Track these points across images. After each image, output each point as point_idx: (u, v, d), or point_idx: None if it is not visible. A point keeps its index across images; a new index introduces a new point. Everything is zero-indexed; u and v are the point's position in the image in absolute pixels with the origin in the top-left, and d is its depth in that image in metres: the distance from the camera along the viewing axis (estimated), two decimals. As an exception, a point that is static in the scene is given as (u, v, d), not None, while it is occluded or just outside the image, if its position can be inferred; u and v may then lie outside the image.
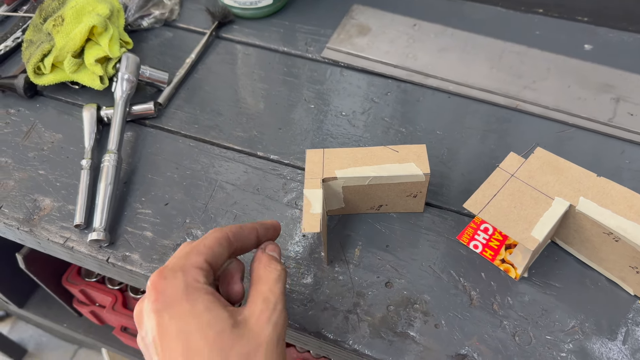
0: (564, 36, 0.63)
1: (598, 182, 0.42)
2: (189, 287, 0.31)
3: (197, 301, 0.30)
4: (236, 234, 0.36)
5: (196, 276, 0.32)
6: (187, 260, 0.32)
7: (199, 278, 0.32)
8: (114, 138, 0.52)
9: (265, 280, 0.34)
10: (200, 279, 0.32)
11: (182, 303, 0.30)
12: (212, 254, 0.34)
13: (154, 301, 0.31)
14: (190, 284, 0.31)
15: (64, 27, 0.55)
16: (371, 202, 0.47)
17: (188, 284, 0.31)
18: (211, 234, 0.35)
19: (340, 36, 0.64)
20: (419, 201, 0.47)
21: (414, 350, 0.41)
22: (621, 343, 0.41)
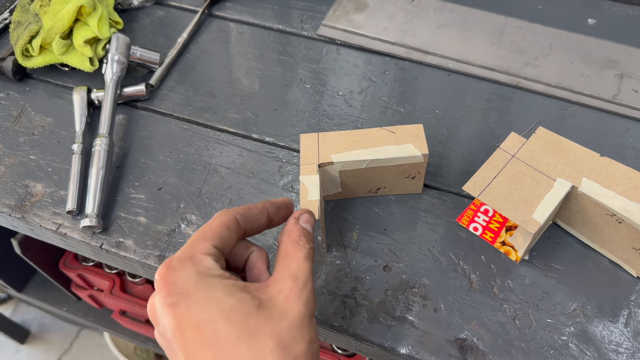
0: (566, 10, 0.62)
1: (601, 162, 0.41)
2: (202, 275, 0.29)
3: (214, 288, 0.29)
4: (244, 215, 0.34)
5: (207, 263, 0.30)
6: (194, 248, 0.31)
7: (210, 265, 0.30)
8: (105, 121, 0.50)
9: (294, 257, 0.32)
10: (211, 266, 0.30)
11: (197, 292, 0.29)
12: (220, 239, 0.32)
13: (166, 295, 0.29)
14: (202, 272, 0.30)
15: (51, 7, 0.53)
16: (369, 185, 0.46)
17: (200, 272, 0.30)
18: (217, 217, 0.33)
19: (337, 12, 0.62)
20: (418, 182, 0.46)
21: (413, 334, 0.40)
22: (623, 325, 0.40)
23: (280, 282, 0.31)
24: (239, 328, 0.28)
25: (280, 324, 0.28)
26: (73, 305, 0.90)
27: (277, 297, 0.30)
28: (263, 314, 0.28)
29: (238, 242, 0.34)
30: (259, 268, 0.34)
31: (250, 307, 0.28)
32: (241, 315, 0.28)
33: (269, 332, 0.28)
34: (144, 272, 0.48)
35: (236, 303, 0.28)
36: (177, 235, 0.46)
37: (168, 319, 0.29)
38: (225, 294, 0.29)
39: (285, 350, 0.28)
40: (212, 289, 0.29)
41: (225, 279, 0.30)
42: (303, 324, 0.29)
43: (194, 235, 0.32)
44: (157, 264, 0.45)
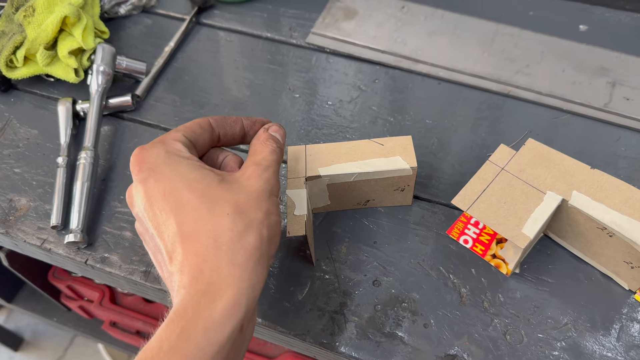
0: (558, 16, 0.61)
1: (592, 175, 0.40)
2: (170, 153, 0.32)
3: (179, 164, 0.32)
4: (218, 120, 0.37)
5: (176, 146, 0.33)
6: (166, 136, 0.34)
7: (179, 147, 0.33)
8: (90, 134, 0.50)
9: (260, 152, 0.35)
10: (180, 149, 0.33)
11: (164, 166, 0.32)
12: (191, 132, 0.35)
13: (137, 172, 0.32)
14: (170, 152, 0.33)
15: (35, 17, 0.53)
16: (357, 197, 0.45)
17: (168, 151, 0.33)
18: (196, 119, 0.36)
19: (326, 20, 0.62)
20: (407, 194, 0.45)
21: (403, 351, 0.40)
22: (615, 340, 0.40)
23: (245, 168, 0.34)
24: (200, 195, 0.31)
25: (239, 195, 0.32)
26: (63, 316, 0.89)
27: (239, 178, 0.33)
28: (223, 186, 0.32)
29: (211, 145, 0.37)
30: (231, 167, 0.37)
31: (211, 180, 0.32)
32: (203, 186, 0.31)
33: (227, 199, 0.31)
34: (129, 287, 0.47)
35: (199, 176, 0.32)
36: (163, 250, 0.45)
37: (139, 194, 0.32)
38: (190, 168, 0.32)
39: (241, 215, 0.31)
40: (178, 164, 0.32)
41: (192, 160, 0.33)
42: (261, 197, 0.32)
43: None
44: (143, 280, 0.44)
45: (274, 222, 0.33)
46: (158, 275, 0.44)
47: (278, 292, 0.43)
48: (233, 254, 0.30)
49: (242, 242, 0.30)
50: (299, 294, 0.43)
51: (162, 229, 0.31)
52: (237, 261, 0.30)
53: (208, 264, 0.29)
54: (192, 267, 0.29)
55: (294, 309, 0.42)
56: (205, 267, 0.29)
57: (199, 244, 0.30)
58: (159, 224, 0.31)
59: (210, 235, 0.30)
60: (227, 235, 0.30)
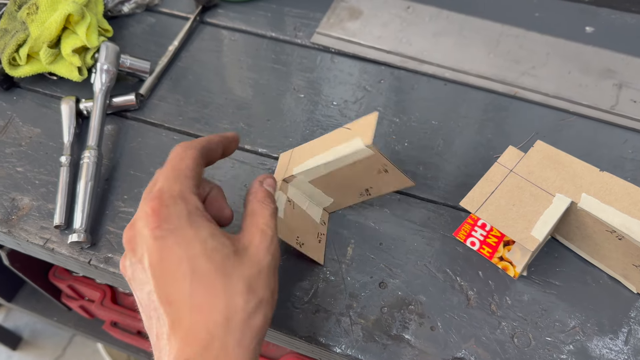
0: (564, 18, 0.61)
1: (601, 177, 0.40)
2: (191, 214, 0.32)
3: (200, 228, 0.31)
4: (206, 150, 0.36)
5: (195, 203, 0.32)
6: (183, 186, 0.33)
7: (197, 205, 0.33)
8: (93, 133, 0.49)
9: (261, 214, 0.35)
10: (198, 206, 0.33)
11: (186, 229, 0.31)
12: (197, 177, 0.34)
13: (154, 228, 0.31)
14: (192, 212, 0.32)
15: (39, 15, 0.52)
16: (352, 188, 0.44)
17: (190, 211, 0.32)
18: (185, 152, 0.34)
19: (331, 20, 0.61)
20: (397, 176, 0.42)
21: (409, 354, 0.39)
22: (623, 343, 0.39)
23: (249, 234, 0.34)
24: (217, 267, 0.30)
25: (251, 271, 0.32)
26: (64, 316, 0.89)
27: (249, 247, 0.33)
28: (237, 259, 0.32)
29: None
30: (220, 203, 0.37)
31: (228, 252, 0.31)
32: (220, 257, 0.31)
33: (241, 275, 0.31)
34: (133, 288, 0.46)
35: (218, 245, 0.31)
36: (168, 251, 0.45)
37: (151, 250, 0.31)
38: (209, 235, 0.31)
39: (252, 294, 0.31)
40: (199, 228, 0.31)
41: (210, 222, 0.32)
42: (269, 274, 0.33)
43: (171, 169, 0.33)
44: (147, 281, 0.44)
45: (275, 300, 0.33)
46: None
47: (284, 294, 0.42)
48: (241, 335, 0.30)
49: (250, 323, 0.31)
50: (304, 295, 0.42)
51: (170, 292, 0.30)
52: (244, 343, 0.30)
53: (216, 343, 0.29)
54: (198, 342, 0.29)
55: (299, 310, 0.42)
56: (212, 345, 0.29)
57: (211, 320, 0.30)
58: (167, 287, 0.30)
59: (222, 313, 0.30)
60: (239, 315, 0.30)
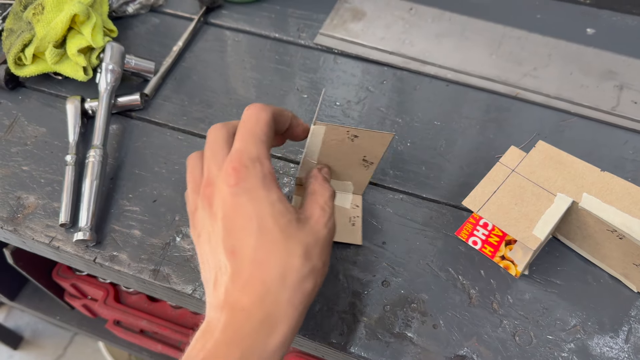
0: (565, 20, 0.61)
1: (602, 177, 0.40)
2: (265, 177, 0.34)
3: (272, 191, 0.33)
4: (278, 117, 0.38)
5: (269, 168, 0.34)
6: (260, 150, 0.34)
7: (271, 170, 0.35)
8: (99, 132, 0.50)
9: (321, 194, 0.38)
10: (272, 171, 0.35)
11: (259, 190, 0.33)
12: (270, 141, 0.36)
13: (233, 185, 0.33)
14: (266, 175, 0.34)
15: (45, 15, 0.53)
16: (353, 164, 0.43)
17: (264, 174, 0.34)
18: (259, 114, 0.36)
19: (334, 21, 0.62)
20: (372, 135, 0.41)
21: (412, 351, 0.40)
22: (623, 342, 0.40)
23: (311, 209, 0.36)
24: (281, 229, 0.33)
25: (309, 238, 0.34)
26: (66, 315, 0.89)
27: (309, 219, 0.35)
28: (299, 226, 0.34)
29: None
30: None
31: (292, 217, 0.34)
32: (285, 220, 0.33)
33: (300, 240, 0.33)
34: (138, 286, 0.47)
35: (284, 209, 0.33)
36: (172, 249, 0.45)
37: (227, 204, 0.33)
38: (278, 199, 0.34)
39: (308, 259, 0.33)
40: (270, 191, 0.33)
41: (278, 188, 0.34)
42: (324, 246, 0.35)
43: (247, 132, 0.35)
44: (152, 279, 0.44)
45: (324, 273, 0.35)
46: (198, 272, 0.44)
47: (287, 292, 0.43)
48: (293, 294, 0.32)
49: (302, 285, 0.32)
50: (308, 293, 0.43)
51: (236, 245, 0.33)
52: (294, 302, 0.32)
53: (270, 296, 0.32)
54: (255, 293, 0.32)
55: (303, 308, 0.42)
56: (267, 297, 0.32)
57: (268, 274, 0.32)
58: (235, 239, 0.33)
59: (280, 270, 0.32)
60: (294, 275, 0.32)
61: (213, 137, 0.37)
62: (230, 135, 0.37)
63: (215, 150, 0.36)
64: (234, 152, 0.34)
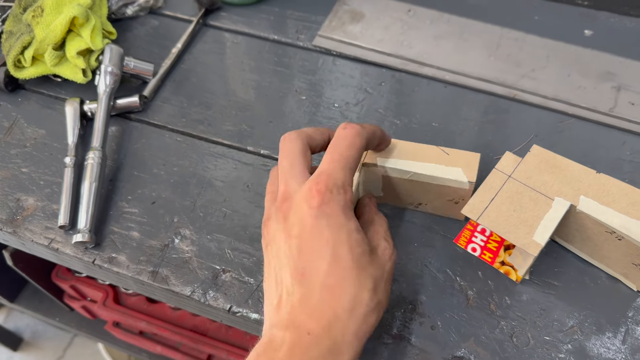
0: (563, 21, 0.61)
1: (598, 179, 0.40)
2: (347, 206, 0.34)
3: (351, 220, 0.34)
4: (369, 142, 0.38)
5: (350, 196, 0.35)
6: (346, 178, 0.35)
7: (352, 198, 0.35)
8: (98, 134, 0.50)
9: (380, 224, 0.38)
10: (352, 199, 0.35)
11: (340, 217, 0.33)
12: (356, 167, 0.36)
13: (315, 207, 0.33)
14: (347, 204, 0.34)
15: (44, 18, 0.53)
16: (410, 197, 0.46)
17: (346, 202, 0.34)
18: (354, 138, 0.36)
19: (332, 23, 0.62)
20: (460, 209, 0.45)
21: (410, 353, 0.40)
22: (620, 343, 0.40)
23: (376, 240, 0.36)
24: (354, 259, 0.33)
25: (377, 272, 0.34)
26: (66, 316, 0.89)
27: (377, 250, 0.36)
28: (371, 258, 0.34)
29: None
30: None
31: (365, 248, 0.34)
32: (359, 251, 0.33)
33: (371, 273, 0.33)
34: (136, 287, 0.47)
35: (359, 239, 0.34)
36: (171, 251, 0.46)
37: (304, 223, 0.33)
38: (355, 229, 0.34)
39: (376, 293, 0.33)
40: (349, 220, 0.34)
41: (355, 217, 0.35)
42: (388, 280, 0.36)
43: (339, 155, 0.35)
44: (151, 280, 0.44)
45: (386, 306, 0.35)
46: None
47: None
48: (359, 327, 0.32)
49: (367, 319, 0.33)
50: (306, 295, 0.43)
51: (307, 267, 0.33)
52: (359, 334, 0.32)
53: (339, 325, 0.32)
54: (324, 319, 0.32)
55: (301, 310, 0.42)
56: (335, 325, 0.32)
57: (338, 302, 0.32)
58: (307, 261, 0.33)
59: (350, 300, 0.32)
60: (363, 308, 0.32)
61: (288, 148, 0.37)
62: (306, 147, 0.37)
63: (293, 163, 0.36)
64: (322, 174, 0.34)
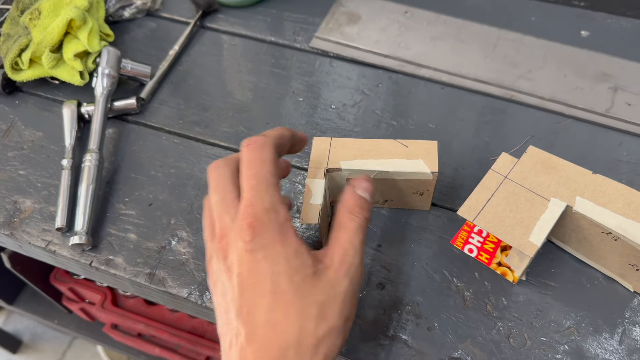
0: (560, 22, 0.61)
1: (594, 180, 0.40)
2: (282, 227, 0.32)
3: (288, 244, 0.32)
4: (280, 147, 0.36)
5: (285, 215, 0.32)
6: (273, 197, 0.32)
7: (286, 217, 0.33)
8: (95, 136, 0.50)
9: (346, 229, 0.34)
10: (288, 218, 0.33)
11: (276, 245, 0.31)
12: (278, 180, 0.34)
13: (249, 241, 0.31)
14: (283, 224, 0.32)
15: (41, 20, 0.53)
16: (376, 196, 0.46)
17: (281, 224, 0.32)
18: (263, 153, 0.33)
19: (329, 25, 0.62)
20: (426, 199, 0.46)
21: (406, 354, 0.40)
22: (617, 343, 0.40)
23: (332, 253, 0.34)
24: (295, 288, 0.31)
25: (324, 296, 0.32)
26: (64, 318, 0.89)
27: (328, 269, 0.33)
28: (314, 282, 0.32)
29: None
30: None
31: (308, 273, 0.32)
32: (300, 278, 0.31)
33: (315, 301, 0.31)
34: (134, 289, 0.47)
35: (300, 265, 0.32)
36: (168, 252, 0.46)
37: (242, 261, 0.31)
38: (294, 253, 0.32)
39: (323, 319, 0.31)
40: (286, 245, 0.32)
41: (296, 237, 0.32)
42: (344, 300, 0.32)
43: (255, 178, 0.33)
44: (148, 282, 0.44)
45: (348, 329, 0.33)
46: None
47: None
48: (311, 359, 0.31)
49: (318, 349, 0.31)
50: (303, 296, 0.43)
51: (251, 304, 0.31)
52: None
53: None
54: (270, 357, 0.30)
55: (298, 311, 0.42)
56: None
57: (283, 339, 0.30)
58: (249, 298, 0.31)
59: (295, 335, 0.30)
60: (309, 340, 0.31)
61: (215, 177, 0.34)
62: (234, 173, 0.34)
63: (223, 195, 0.33)
64: (247, 205, 0.32)
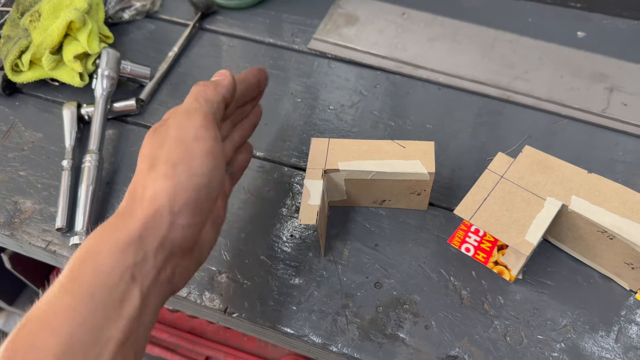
0: (556, 23, 0.62)
1: (589, 179, 0.41)
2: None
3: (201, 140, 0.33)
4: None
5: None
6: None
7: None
8: (94, 137, 0.50)
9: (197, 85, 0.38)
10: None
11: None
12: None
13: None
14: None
15: (41, 22, 0.53)
16: (374, 196, 0.46)
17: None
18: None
19: (327, 26, 0.63)
20: (423, 199, 0.46)
21: (404, 352, 0.40)
22: (614, 341, 0.40)
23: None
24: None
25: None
26: (64, 319, 0.89)
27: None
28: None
29: None
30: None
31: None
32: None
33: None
34: (134, 289, 0.47)
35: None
36: (168, 253, 0.46)
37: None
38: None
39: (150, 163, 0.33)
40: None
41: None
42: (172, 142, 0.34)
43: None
44: (147, 282, 0.44)
45: (173, 168, 0.34)
46: None
47: (281, 294, 0.43)
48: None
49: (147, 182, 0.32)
50: (301, 295, 0.43)
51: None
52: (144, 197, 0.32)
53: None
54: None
55: (296, 310, 0.42)
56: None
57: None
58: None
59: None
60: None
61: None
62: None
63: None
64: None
